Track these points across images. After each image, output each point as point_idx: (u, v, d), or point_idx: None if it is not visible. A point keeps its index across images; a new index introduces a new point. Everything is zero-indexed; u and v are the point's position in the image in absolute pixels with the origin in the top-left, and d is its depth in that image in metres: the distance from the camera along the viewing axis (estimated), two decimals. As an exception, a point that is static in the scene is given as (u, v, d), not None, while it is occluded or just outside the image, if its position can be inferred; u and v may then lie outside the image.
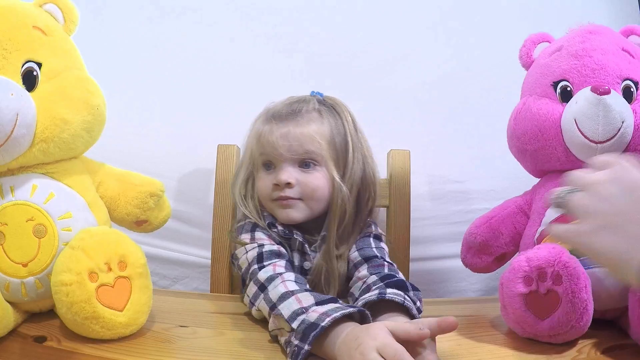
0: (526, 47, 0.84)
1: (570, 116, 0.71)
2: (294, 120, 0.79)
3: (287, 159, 0.79)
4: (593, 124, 0.68)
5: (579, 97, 0.70)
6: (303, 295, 0.65)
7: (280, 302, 0.64)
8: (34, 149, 0.65)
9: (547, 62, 0.78)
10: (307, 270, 0.82)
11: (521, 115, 0.78)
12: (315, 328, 0.57)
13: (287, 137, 0.78)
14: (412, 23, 1.15)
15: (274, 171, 0.80)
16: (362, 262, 0.79)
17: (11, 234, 0.64)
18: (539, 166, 0.79)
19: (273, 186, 0.80)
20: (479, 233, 0.83)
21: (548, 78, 0.76)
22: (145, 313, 0.67)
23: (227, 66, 1.14)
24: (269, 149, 0.80)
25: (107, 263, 0.64)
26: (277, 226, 0.81)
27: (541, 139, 0.74)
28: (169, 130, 1.12)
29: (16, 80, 0.64)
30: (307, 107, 0.81)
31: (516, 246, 0.82)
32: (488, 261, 0.84)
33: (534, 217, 0.78)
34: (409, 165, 1.03)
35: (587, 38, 0.76)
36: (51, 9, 0.72)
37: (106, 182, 0.76)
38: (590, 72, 0.72)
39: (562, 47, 0.77)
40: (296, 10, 1.14)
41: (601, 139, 0.69)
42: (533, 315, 0.64)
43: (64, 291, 0.61)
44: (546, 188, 0.76)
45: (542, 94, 0.76)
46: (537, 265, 0.64)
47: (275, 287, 0.67)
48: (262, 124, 0.82)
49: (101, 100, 0.73)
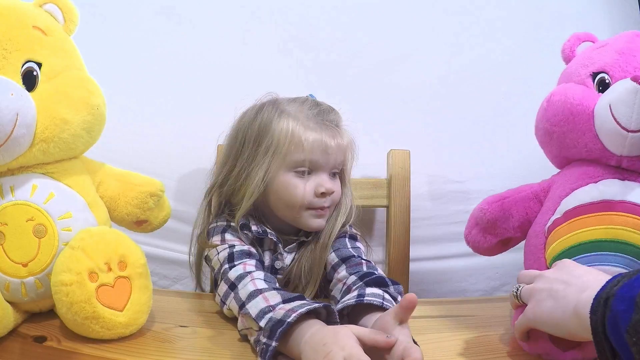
0: (571, 42, 0.83)
1: (605, 102, 0.69)
2: (338, 131, 0.81)
3: (327, 169, 0.80)
4: (628, 110, 0.66)
5: (618, 85, 0.69)
6: (270, 294, 0.65)
7: (249, 301, 0.65)
8: (34, 149, 0.65)
9: (589, 55, 0.77)
10: (277, 270, 0.82)
11: (555, 98, 0.75)
12: (281, 325, 0.58)
13: (339, 148, 0.80)
14: (413, 23, 1.15)
15: (311, 177, 0.79)
16: (339, 263, 0.79)
17: (11, 234, 0.64)
18: (563, 152, 0.77)
19: (315, 194, 0.79)
20: (489, 210, 0.80)
21: (588, 68, 0.75)
22: (145, 313, 0.67)
23: (228, 66, 1.14)
24: (318, 156, 0.78)
25: (107, 263, 0.64)
26: (250, 227, 0.80)
27: (571, 122, 0.72)
28: (169, 130, 1.12)
29: (16, 80, 0.64)
30: (341, 119, 0.84)
31: (524, 233, 0.80)
32: (492, 242, 0.81)
33: (549, 205, 0.76)
34: (409, 165, 1.03)
35: (633, 40, 0.75)
36: (51, 9, 0.72)
37: (106, 182, 0.76)
38: (631, 69, 0.71)
39: (608, 44, 0.77)
40: (297, 9, 1.14)
41: (634, 127, 0.66)
42: (556, 348, 0.61)
43: (64, 291, 0.61)
44: (566, 177, 0.75)
45: (580, 82, 0.75)
46: None
47: (244, 286, 0.68)
48: (304, 128, 0.78)
49: (101, 100, 0.73)
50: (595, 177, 0.72)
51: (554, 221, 0.73)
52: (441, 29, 1.15)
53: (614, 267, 0.65)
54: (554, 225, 0.72)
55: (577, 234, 0.69)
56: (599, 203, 0.69)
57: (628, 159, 0.69)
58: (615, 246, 0.66)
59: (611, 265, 0.65)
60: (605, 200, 0.69)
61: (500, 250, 0.84)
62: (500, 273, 1.11)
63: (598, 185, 0.71)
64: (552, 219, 0.73)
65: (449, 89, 1.14)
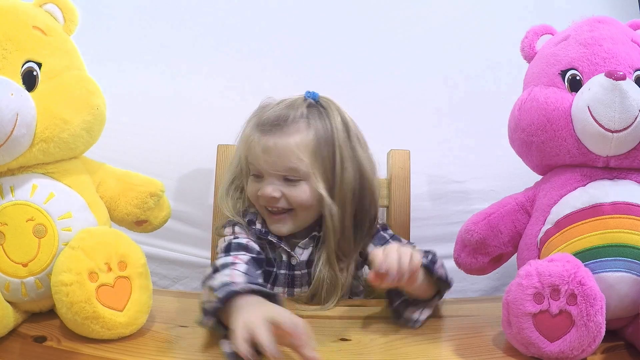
0: (528, 38, 0.79)
1: (582, 104, 0.65)
2: (279, 131, 0.77)
3: (270, 173, 0.78)
4: (609, 110, 0.63)
5: (592, 83, 0.65)
6: (239, 276, 0.67)
7: (217, 281, 0.65)
8: (34, 148, 0.65)
9: (553, 51, 0.73)
10: (294, 266, 0.82)
11: (527, 105, 0.71)
12: (229, 291, 0.60)
13: (269, 152, 0.77)
14: (413, 23, 1.15)
15: (261, 180, 0.80)
16: None
17: (11, 234, 0.64)
18: (545, 160, 0.73)
19: (259, 197, 0.80)
20: (476, 230, 0.76)
21: (555, 67, 0.71)
22: (145, 313, 0.67)
23: (227, 66, 1.14)
24: (254, 161, 0.79)
25: (107, 263, 0.64)
26: (256, 224, 0.82)
27: (549, 130, 0.68)
28: (169, 130, 1.12)
29: (16, 80, 0.64)
30: (295, 114, 0.78)
31: (515, 247, 0.76)
32: (484, 262, 0.78)
33: (537, 215, 0.72)
34: (409, 165, 1.03)
35: (595, 27, 0.71)
36: (51, 9, 0.72)
37: (106, 182, 0.76)
38: (601, 61, 0.67)
39: (569, 36, 0.73)
40: (297, 9, 1.14)
41: (617, 127, 0.63)
42: (542, 337, 0.59)
43: (64, 291, 0.61)
44: (552, 184, 0.72)
45: (549, 83, 0.71)
46: (550, 282, 0.58)
47: (222, 274, 0.68)
48: (251, 129, 0.81)
49: (101, 100, 0.73)
50: (583, 181, 0.69)
51: (546, 232, 0.69)
52: (441, 29, 1.15)
53: (615, 272, 0.62)
54: (547, 236, 0.69)
55: (572, 243, 0.65)
56: (590, 208, 0.66)
57: (615, 158, 0.67)
58: (613, 251, 0.63)
59: (612, 271, 0.63)
60: (596, 204, 0.66)
61: (493, 267, 0.80)
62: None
63: (587, 189, 0.68)
64: (544, 230, 0.70)
65: (450, 89, 1.14)
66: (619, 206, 0.65)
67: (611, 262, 0.63)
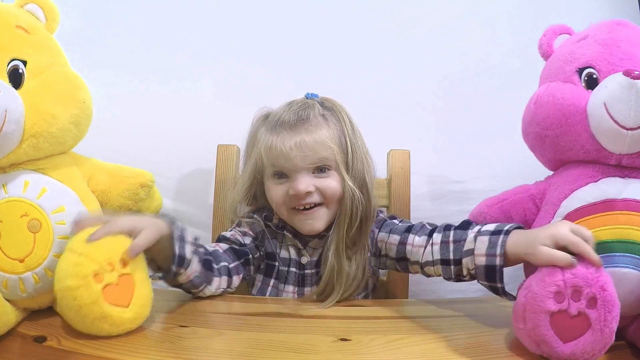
0: (547, 36, 0.80)
1: (599, 100, 0.66)
2: (304, 128, 0.79)
3: (302, 169, 0.79)
4: (625, 107, 0.63)
5: (609, 81, 0.66)
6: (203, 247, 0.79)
7: None
8: (24, 144, 0.66)
9: (571, 50, 0.74)
10: (304, 265, 0.84)
11: (543, 99, 0.72)
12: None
13: (301, 147, 0.78)
14: (412, 24, 1.15)
15: (287, 181, 0.81)
16: (405, 235, 0.80)
17: (6, 231, 0.64)
18: (558, 155, 0.73)
19: (291, 196, 0.80)
20: (489, 213, 0.77)
21: (573, 64, 0.72)
22: (149, 306, 0.67)
23: (228, 66, 1.14)
24: (282, 161, 0.79)
25: (109, 262, 0.63)
26: (272, 220, 0.86)
27: (564, 125, 0.69)
28: (169, 130, 1.12)
29: (2, 78, 0.65)
30: (313, 112, 0.81)
31: None
32: None
33: (547, 209, 0.72)
34: (409, 165, 1.03)
35: (614, 29, 0.72)
36: (32, 9, 0.73)
37: (96, 176, 0.77)
38: (618, 61, 0.68)
39: (588, 36, 0.74)
40: (297, 10, 1.14)
41: (632, 125, 0.64)
42: (556, 336, 0.58)
43: (71, 295, 0.60)
44: (563, 178, 0.73)
45: (566, 80, 0.72)
46: (573, 282, 0.57)
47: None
48: (269, 134, 0.81)
49: (87, 94, 0.74)
50: (595, 177, 0.69)
51: None
52: (441, 29, 1.15)
53: (624, 268, 0.63)
54: None
55: None
56: (601, 203, 0.66)
57: (628, 156, 0.67)
58: (623, 247, 0.63)
59: (621, 266, 0.62)
60: (608, 199, 0.66)
61: None
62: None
63: (599, 185, 0.68)
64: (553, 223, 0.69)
65: (449, 89, 1.14)
66: (630, 203, 0.65)
67: (620, 257, 0.63)
